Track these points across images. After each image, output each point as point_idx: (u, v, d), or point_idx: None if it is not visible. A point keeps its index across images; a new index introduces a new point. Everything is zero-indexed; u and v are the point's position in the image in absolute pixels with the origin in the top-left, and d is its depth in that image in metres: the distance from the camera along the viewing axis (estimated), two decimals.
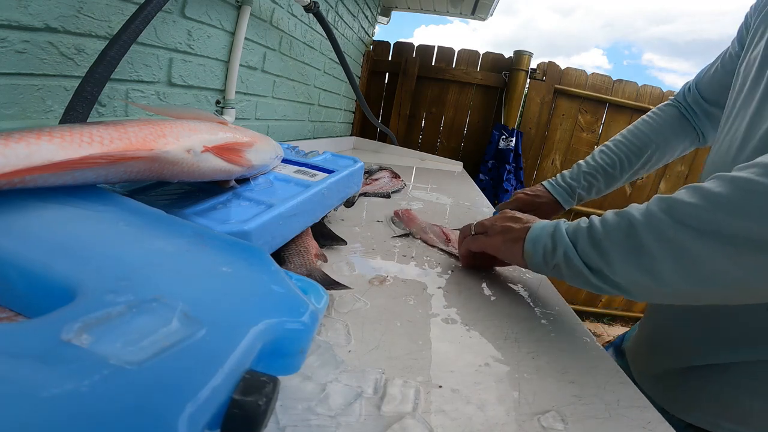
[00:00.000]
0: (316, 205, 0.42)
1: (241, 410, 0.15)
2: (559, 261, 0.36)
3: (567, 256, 0.36)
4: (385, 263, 0.46)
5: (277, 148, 0.47)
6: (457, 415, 0.24)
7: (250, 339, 0.17)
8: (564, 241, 0.36)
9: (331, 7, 1.26)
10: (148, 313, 0.17)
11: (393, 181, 0.91)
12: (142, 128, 0.27)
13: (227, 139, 0.34)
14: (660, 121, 0.66)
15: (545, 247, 0.38)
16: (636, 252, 0.31)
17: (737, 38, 0.54)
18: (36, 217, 0.21)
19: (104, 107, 0.55)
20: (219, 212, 0.35)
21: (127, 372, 0.14)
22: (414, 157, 1.56)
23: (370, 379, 0.26)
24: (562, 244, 0.36)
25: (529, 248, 0.39)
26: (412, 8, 2.12)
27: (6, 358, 0.13)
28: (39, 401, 0.12)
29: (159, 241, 0.22)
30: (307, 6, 0.92)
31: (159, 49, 0.61)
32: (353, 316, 0.34)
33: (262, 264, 0.23)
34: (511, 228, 0.42)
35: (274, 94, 1.01)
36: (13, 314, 0.19)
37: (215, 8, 0.71)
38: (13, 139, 0.20)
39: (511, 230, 0.41)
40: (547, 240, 0.38)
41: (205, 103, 0.76)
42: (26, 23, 0.42)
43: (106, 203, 0.25)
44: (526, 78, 1.92)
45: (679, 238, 0.29)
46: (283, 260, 0.38)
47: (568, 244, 0.36)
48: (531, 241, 0.39)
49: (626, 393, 0.29)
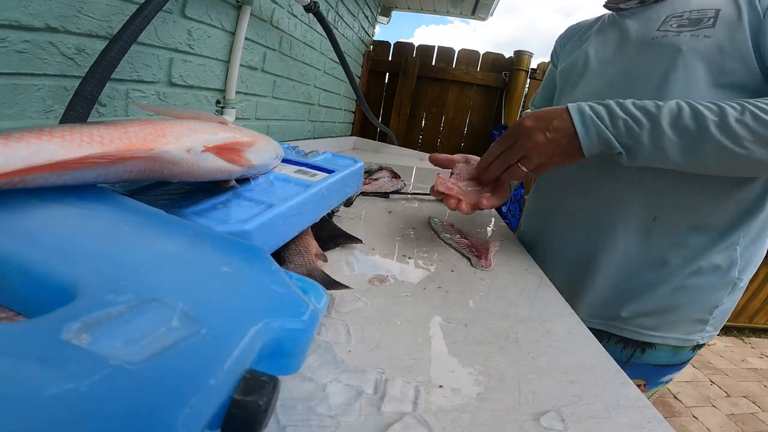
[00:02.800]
0: (316, 204, 0.42)
1: (241, 410, 0.15)
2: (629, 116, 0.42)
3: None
4: (385, 263, 0.46)
5: (277, 148, 0.47)
6: (457, 415, 0.24)
7: (250, 339, 0.17)
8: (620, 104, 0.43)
9: (331, 7, 1.26)
10: (148, 312, 0.17)
11: (393, 180, 0.91)
12: (142, 128, 0.27)
13: (227, 138, 0.34)
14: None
15: (598, 113, 0.43)
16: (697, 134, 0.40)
17: (552, 62, 0.75)
18: (36, 217, 0.21)
19: (104, 107, 0.55)
20: (219, 212, 0.35)
21: (127, 372, 0.14)
22: (414, 157, 1.56)
23: (370, 379, 0.26)
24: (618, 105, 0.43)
25: (577, 119, 0.43)
26: (412, 8, 2.12)
27: (6, 358, 0.13)
28: (39, 401, 0.12)
29: (159, 240, 0.22)
30: (307, 6, 0.92)
31: (159, 49, 0.61)
32: (353, 316, 0.34)
33: (262, 264, 0.23)
34: (542, 117, 0.45)
35: (274, 94, 1.01)
36: (13, 314, 0.19)
37: (215, 8, 0.71)
38: (14, 138, 0.20)
39: (545, 118, 0.45)
40: (594, 107, 0.44)
41: (205, 103, 0.76)
42: (27, 23, 0.42)
43: (106, 203, 0.25)
44: (526, 78, 1.92)
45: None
46: (283, 260, 0.38)
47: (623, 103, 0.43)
48: (577, 112, 0.44)
49: (626, 393, 0.29)
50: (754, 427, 1.67)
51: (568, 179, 0.60)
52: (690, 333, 0.54)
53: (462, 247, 0.55)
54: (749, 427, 1.67)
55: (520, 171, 0.47)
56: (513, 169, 0.47)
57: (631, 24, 0.57)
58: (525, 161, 0.46)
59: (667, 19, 0.52)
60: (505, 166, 0.48)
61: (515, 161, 0.47)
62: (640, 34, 0.54)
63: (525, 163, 0.46)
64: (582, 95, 0.58)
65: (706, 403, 1.82)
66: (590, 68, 0.59)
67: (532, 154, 0.45)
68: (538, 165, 0.46)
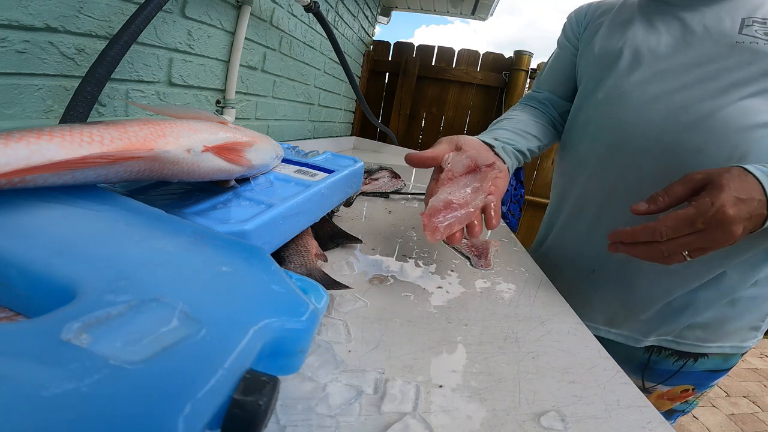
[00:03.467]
0: (316, 204, 0.42)
1: (241, 410, 0.15)
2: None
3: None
4: (385, 263, 0.46)
5: (277, 148, 0.47)
6: (457, 414, 0.24)
7: (250, 339, 0.17)
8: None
9: (331, 7, 1.26)
10: (148, 312, 0.17)
11: (393, 180, 0.91)
12: (142, 128, 0.27)
13: (227, 138, 0.34)
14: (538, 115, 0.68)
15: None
16: None
17: (567, 39, 0.66)
18: (36, 217, 0.21)
19: (104, 107, 0.55)
20: (219, 212, 0.35)
21: (127, 372, 0.14)
22: None
23: (370, 379, 0.26)
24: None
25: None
26: (412, 8, 2.12)
27: (6, 358, 0.13)
28: (39, 401, 0.12)
29: (159, 240, 0.22)
30: (307, 6, 0.92)
31: (159, 49, 0.61)
32: (353, 316, 0.34)
33: (262, 264, 0.23)
34: (745, 202, 0.35)
35: (274, 94, 1.01)
36: (13, 314, 0.19)
37: (215, 8, 0.71)
38: (14, 138, 0.20)
39: (748, 202, 0.36)
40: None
41: (205, 103, 0.76)
42: (26, 23, 0.42)
43: (106, 203, 0.25)
44: (526, 78, 1.92)
45: None
46: (283, 260, 0.38)
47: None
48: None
49: (626, 393, 0.29)
50: (754, 427, 1.67)
51: (623, 201, 0.52)
52: (744, 341, 0.54)
53: (462, 246, 0.55)
54: (749, 427, 1.67)
55: (678, 259, 0.37)
56: (674, 257, 0.37)
57: (695, 20, 0.50)
58: (698, 252, 0.37)
59: (747, 23, 0.47)
60: (673, 252, 0.37)
61: (687, 251, 0.37)
62: (714, 34, 0.48)
63: (697, 254, 0.37)
64: (646, 96, 0.51)
65: (706, 402, 1.82)
66: (644, 63, 0.52)
67: (716, 248, 0.36)
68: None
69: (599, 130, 0.56)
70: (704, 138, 0.46)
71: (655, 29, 0.53)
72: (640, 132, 0.51)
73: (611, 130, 0.54)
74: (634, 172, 0.51)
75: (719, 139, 0.46)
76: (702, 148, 0.46)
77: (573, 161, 0.61)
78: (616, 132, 0.53)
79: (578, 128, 0.61)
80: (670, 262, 0.38)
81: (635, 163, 0.51)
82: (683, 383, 0.57)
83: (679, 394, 0.58)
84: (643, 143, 0.50)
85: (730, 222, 0.35)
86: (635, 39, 0.54)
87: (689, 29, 0.50)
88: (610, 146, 0.54)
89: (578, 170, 0.60)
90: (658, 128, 0.49)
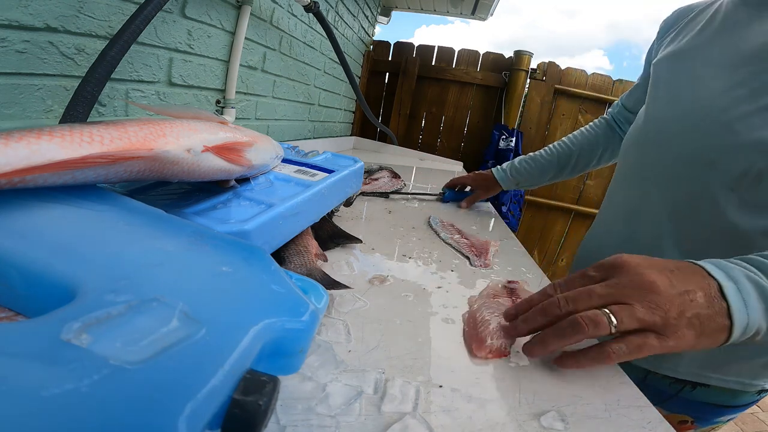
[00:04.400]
0: (316, 204, 0.42)
1: (241, 410, 0.15)
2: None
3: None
4: (385, 263, 0.46)
5: (277, 148, 0.46)
6: (457, 414, 0.24)
7: (250, 339, 0.17)
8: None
9: (331, 7, 1.26)
10: (148, 312, 0.17)
11: (393, 180, 0.91)
12: (142, 128, 0.27)
13: (227, 138, 0.34)
14: (593, 131, 0.76)
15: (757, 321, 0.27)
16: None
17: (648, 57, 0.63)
18: (36, 217, 0.21)
19: (104, 107, 0.55)
20: (219, 212, 0.35)
21: (127, 372, 0.14)
22: (414, 157, 1.56)
23: (370, 379, 0.26)
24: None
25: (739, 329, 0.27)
26: (412, 8, 2.11)
27: (6, 358, 0.13)
28: (39, 401, 0.12)
29: (159, 240, 0.22)
30: (307, 6, 0.92)
31: (159, 49, 0.61)
32: (353, 316, 0.33)
33: (262, 264, 0.23)
34: (698, 313, 0.27)
35: (274, 93, 1.01)
36: (13, 314, 0.19)
37: (215, 8, 0.71)
38: (14, 138, 0.20)
39: (700, 315, 0.27)
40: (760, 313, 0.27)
41: (205, 103, 0.76)
42: (26, 23, 0.42)
43: (106, 203, 0.25)
44: (526, 78, 1.92)
45: None
46: (283, 260, 0.38)
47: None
48: (740, 318, 0.27)
49: (626, 393, 0.29)
50: (754, 427, 1.67)
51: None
52: (755, 377, 0.45)
53: (462, 246, 0.55)
54: (749, 427, 1.67)
55: (602, 328, 0.27)
56: (595, 328, 0.28)
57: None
58: (625, 317, 0.27)
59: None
60: (575, 321, 0.28)
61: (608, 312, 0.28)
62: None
63: (623, 319, 0.27)
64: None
65: None
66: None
67: (640, 303, 0.28)
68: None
69: (628, 139, 0.56)
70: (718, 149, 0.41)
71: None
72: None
73: (637, 136, 0.53)
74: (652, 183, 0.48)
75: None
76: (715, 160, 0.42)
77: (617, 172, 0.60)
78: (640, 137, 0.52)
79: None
80: (600, 351, 0.28)
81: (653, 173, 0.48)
82: (681, 412, 0.49)
83: (676, 424, 0.49)
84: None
85: (634, 265, 0.28)
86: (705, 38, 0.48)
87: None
88: (637, 154, 0.53)
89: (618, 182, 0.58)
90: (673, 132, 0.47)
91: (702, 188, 0.43)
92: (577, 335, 0.27)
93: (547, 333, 0.29)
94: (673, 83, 0.49)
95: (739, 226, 0.40)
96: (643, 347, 0.26)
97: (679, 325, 0.26)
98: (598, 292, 0.28)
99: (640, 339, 0.27)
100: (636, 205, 0.51)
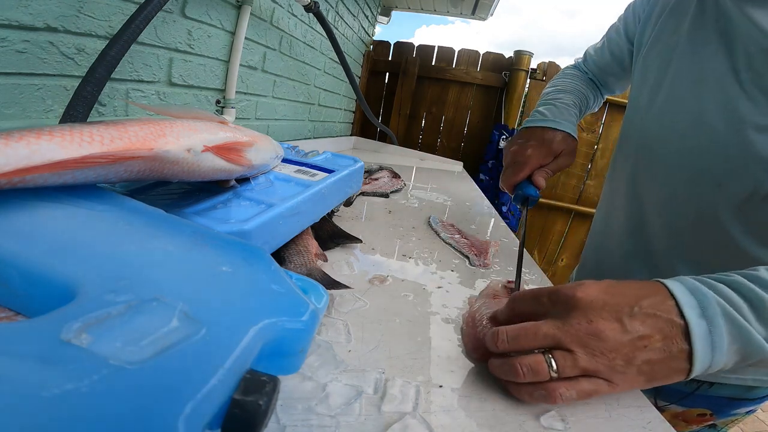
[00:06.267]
0: (316, 204, 0.42)
1: (241, 410, 0.15)
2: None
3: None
4: (385, 262, 0.46)
5: (278, 148, 0.46)
6: (457, 414, 0.24)
7: (250, 339, 0.17)
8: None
9: (332, 7, 1.26)
10: (148, 312, 0.17)
11: (393, 180, 0.91)
12: (142, 128, 0.27)
13: (227, 138, 0.34)
14: (580, 77, 0.71)
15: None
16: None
17: (624, 30, 0.61)
18: (36, 217, 0.21)
19: (104, 107, 0.55)
20: (219, 212, 0.35)
21: (127, 372, 0.14)
22: (414, 157, 1.56)
23: (370, 379, 0.26)
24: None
25: (704, 357, 0.25)
26: (412, 8, 2.11)
27: (6, 358, 0.13)
28: (39, 401, 0.12)
29: (159, 240, 0.22)
30: (307, 6, 0.92)
31: (159, 49, 0.61)
32: (353, 316, 0.34)
33: (262, 263, 0.23)
34: (649, 359, 0.26)
35: (274, 93, 1.01)
36: (13, 314, 0.19)
37: (215, 8, 0.71)
38: (14, 138, 0.20)
39: (652, 360, 0.26)
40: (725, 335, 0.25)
41: (205, 103, 0.76)
42: (27, 23, 0.42)
43: (106, 203, 0.25)
44: (526, 78, 1.91)
45: None
46: (283, 260, 0.38)
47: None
48: (703, 344, 0.25)
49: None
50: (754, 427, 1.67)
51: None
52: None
53: (462, 246, 0.55)
54: (749, 427, 1.67)
55: (541, 370, 0.26)
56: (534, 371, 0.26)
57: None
58: (562, 356, 0.26)
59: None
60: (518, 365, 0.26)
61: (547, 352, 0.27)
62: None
63: (561, 359, 0.26)
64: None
65: None
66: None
67: (585, 337, 0.26)
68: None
69: (625, 139, 0.54)
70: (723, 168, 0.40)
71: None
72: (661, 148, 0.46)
73: (634, 139, 0.51)
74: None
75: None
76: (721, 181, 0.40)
77: (610, 173, 0.59)
78: (638, 143, 0.50)
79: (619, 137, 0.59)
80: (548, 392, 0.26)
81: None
82: (699, 407, 0.50)
83: (695, 417, 0.51)
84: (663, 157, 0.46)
85: (586, 306, 0.26)
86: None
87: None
88: (635, 161, 0.51)
89: (614, 184, 0.57)
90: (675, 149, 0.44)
91: (707, 208, 0.42)
92: (515, 379, 0.26)
93: (492, 363, 0.28)
94: (670, 92, 0.46)
95: (748, 250, 0.39)
96: (593, 394, 0.26)
97: (627, 372, 0.25)
98: (543, 331, 0.27)
99: (591, 386, 0.26)
100: (639, 221, 0.50)
